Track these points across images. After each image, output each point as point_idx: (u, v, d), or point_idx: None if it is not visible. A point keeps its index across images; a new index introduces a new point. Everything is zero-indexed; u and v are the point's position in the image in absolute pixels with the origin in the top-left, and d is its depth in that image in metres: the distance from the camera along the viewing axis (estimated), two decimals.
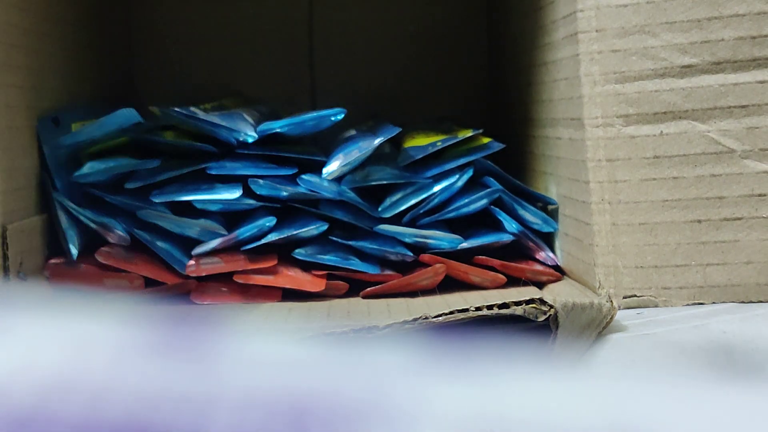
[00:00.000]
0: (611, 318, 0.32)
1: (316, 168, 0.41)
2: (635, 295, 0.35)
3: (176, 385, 0.10)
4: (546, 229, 0.42)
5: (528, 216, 0.42)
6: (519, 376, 0.12)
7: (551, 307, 0.29)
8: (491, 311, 0.29)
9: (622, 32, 0.35)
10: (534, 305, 0.29)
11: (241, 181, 0.41)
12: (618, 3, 0.35)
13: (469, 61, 0.64)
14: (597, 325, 0.31)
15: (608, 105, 0.35)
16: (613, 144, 0.35)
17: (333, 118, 0.42)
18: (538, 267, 0.42)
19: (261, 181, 0.40)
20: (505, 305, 0.29)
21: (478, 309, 0.29)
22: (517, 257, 0.43)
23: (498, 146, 0.43)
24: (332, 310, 0.39)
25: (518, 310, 0.29)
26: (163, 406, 0.09)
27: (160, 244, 0.40)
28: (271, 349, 0.11)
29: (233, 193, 0.40)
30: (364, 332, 0.28)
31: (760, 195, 0.33)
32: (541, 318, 0.29)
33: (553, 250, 0.43)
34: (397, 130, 0.42)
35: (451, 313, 0.29)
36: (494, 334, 0.30)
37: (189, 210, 0.40)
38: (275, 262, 0.41)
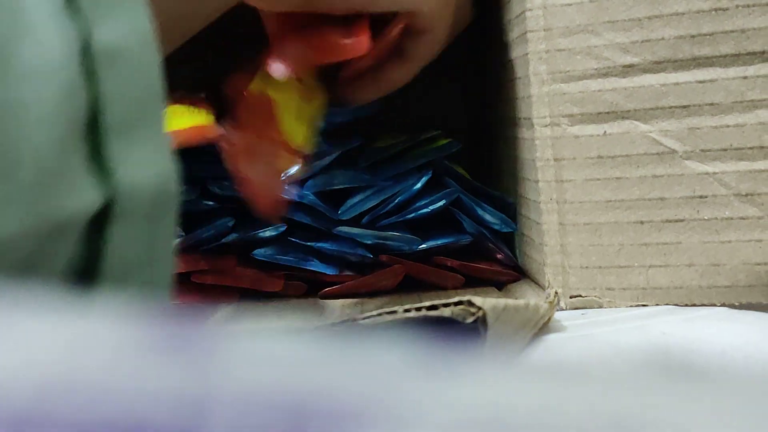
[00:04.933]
0: (548, 319, 0.32)
1: None
2: (581, 296, 0.35)
3: (174, 384, 0.10)
4: (505, 229, 0.42)
5: (487, 216, 0.42)
6: (519, 374, 0.12)
7: (479, 308, 0.29)
8: (420, 313, 0.29)
9: (567, 31, 0.35)
10: (463, 307, 0.29)
11: (200, 182, 0.41)
12: (563, 2, 0.35)
13: (450, 59, 0.63)
14: (532, 326, 0.31)
15: (555, 104, 0.35)
16: (560, 143, 0.35)
17: None
18: (497, 267, 0.42)
19: (219, 183, 0.41)
20: (433, 307, 0.29)
21: (407, 311, 0.29)
22: (479, 257, 0.43)
23: (456, 146, 0.43)
24: (285, 310, 0.39)
25: (446, 312, 0.29)
26: (161, 405, 0.10)
27: None
28: (270, 347, 0.12)
29: (191, 195, 0.40)
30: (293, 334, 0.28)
31: (701, 196, 0.33)
32: (470, 319, 0.29)
33: (513, 250, 0.43)
34: (358, 142, 0.42)
35: (380, 314, 0.29)
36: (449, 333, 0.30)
37: None
38: (234, 262, 0.41)
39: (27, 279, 0.19)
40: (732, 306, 0.33)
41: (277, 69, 0.37)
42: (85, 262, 0.18)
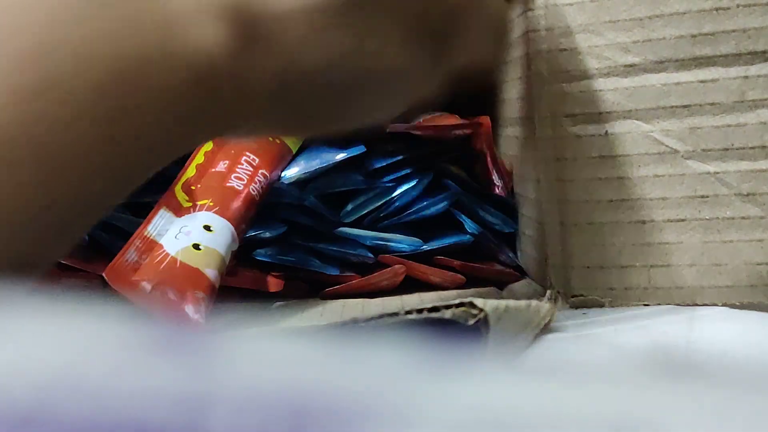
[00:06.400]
0: (550, 319, 0.32)
1: None
2: (582, 295, 0.35)
3: (175, 384, 0.10)
4: (506, 229, 0.42)
5: (488, 217, 0.42)
6: (520, 374, 0.12)
7: (481, 310, 0.29)
8: (421, 315, 0.29)
9: (569, 31, 0.34)
10: (464, 308, 0.29)
11: None
12: (564, 2, 0.35)
13: None
14: (534, 327, 0.31)
15: (556, 104, 0.35)
16: (561, 143, 0.35)
17: None
18: (498, 267, 0.42)
19: None
20: (435, 309, 0.29)
21: (408, 313, 0.29)
22: (480, 257, 0.43)
23: (456, 150, 0.43)
24: (286, 310, 0.39)
25: (447, 314, 0.29)
26: (161, 405, 0.10)
27: (120, 244, 0.40)
28: (271, 347, 0.12)
29: None
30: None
31: (702, 196, 0.33)
32: (471, 321, 0.29)
33: (514, 250, 0.43)
34: (361, 150, 0.42)
35: (381, 317, 0.29)
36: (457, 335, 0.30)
37: (149, 212, 0.41)
38: (234, 262, 0.41)
39: None
40: (733, 306, 0.33)
41: None
42: None
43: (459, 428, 0.10)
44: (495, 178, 0.43)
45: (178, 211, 0.38)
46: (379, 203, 0.42)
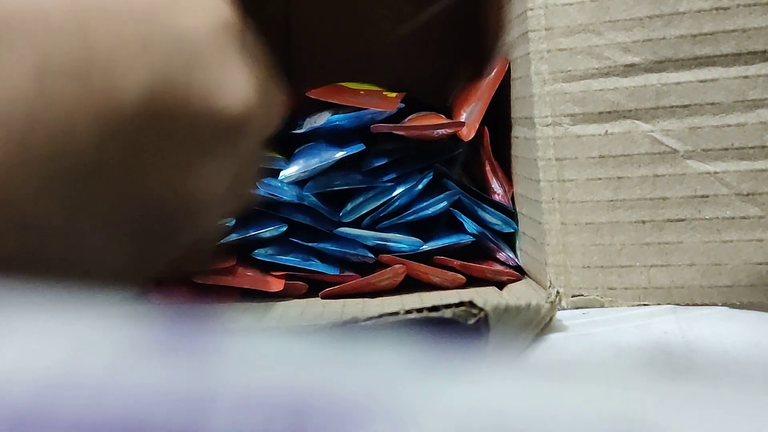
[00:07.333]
0: (550, 319, 0.32)
1: (277, 171, 0.42)
2: (582, 295, 0.35)
3: (175, 384, 0.10)
4: (506, 229, 0.42)
5: (488, 217, 0.42)
6: (520, 374, 0.12)
7: (481, 309, 0.29)
8: (421, 314, 0.29)
9: (569, 31, 0.34)
10: (464, 308, 0.29)
11: None
12: (564, 2, 0.35)
13: (450, 59, 0.63)
14: (535, 326, 0.31)
15: (556, 104, 0.35)
16: (561, 143, 0.35)
17: None
18: (498, 267, 0.42)
19: None
20: (435, 308, 0.29)
21: (408, 312, 0.29)
22: (480, 257, 0.43)
23: (457, 148, 0.43)
24: (287, 310, 0.39)
25: (448, 313, 0.29)
26: (161, 405, 0.10)
27: None
28: (271, 347, 0.12)
29: None
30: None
31: (702, 196, 0.33)
32: (471, 321, 0.29)
33: (514, 250, 0.43)
34: (361, 147, 0.41)
35: (381, 316, 0.29)
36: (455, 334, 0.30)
37: None
38: (234, 262, 0.41)
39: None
40: (733, 306, 0.33)
41: None
42: None
43: (458, 428, 0.10)
44: (495, 186, 0.43)
45: None
46: (379, 203, 0.42)
